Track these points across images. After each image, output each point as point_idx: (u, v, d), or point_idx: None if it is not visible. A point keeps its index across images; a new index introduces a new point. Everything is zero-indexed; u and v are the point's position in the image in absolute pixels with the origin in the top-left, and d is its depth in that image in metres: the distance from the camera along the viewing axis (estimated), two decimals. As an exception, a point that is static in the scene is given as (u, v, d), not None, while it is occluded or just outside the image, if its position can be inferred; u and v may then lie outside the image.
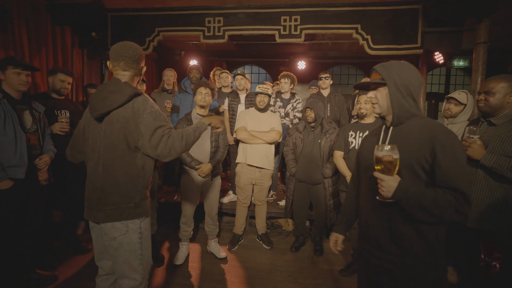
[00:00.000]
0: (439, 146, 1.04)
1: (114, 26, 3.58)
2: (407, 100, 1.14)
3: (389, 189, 1.05)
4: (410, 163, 1.09)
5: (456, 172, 1.02)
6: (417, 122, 1.14)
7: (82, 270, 2.48)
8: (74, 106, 2.74)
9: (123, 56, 1.39)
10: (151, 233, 2.61)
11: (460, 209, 1.00)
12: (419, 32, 3.13)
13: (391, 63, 1.17)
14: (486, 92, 1.69)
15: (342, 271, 2.52)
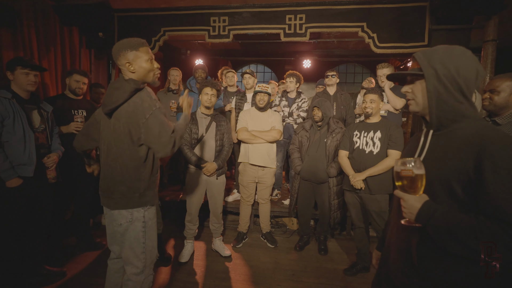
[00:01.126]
0: (489, 161, 0.79)
1: (121, 26, 3.62)
2: (453, 96, 0.90)
3: (411, 210, 0.88)
4: (448, 180, 0.86)
5: (507, 197, 0.77)
6: (467, 127, 0.89)
7: (90, 266, 2.53)
8: (91, 105, 2.80)
9: (114, 53, 1.47)
10: (157, 229, 2.68)
11: (510, 244, 0.75)
12: (426, 30, 3.09)
13: (437, 48, 0.94)
14: (491, 91, 1.67)
15: (347, 271, 2.51)
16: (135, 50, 1.45)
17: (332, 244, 3.05)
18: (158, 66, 1.51)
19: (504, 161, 0.78)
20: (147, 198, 1.54)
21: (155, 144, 1.43)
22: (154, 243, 1.61)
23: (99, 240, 2.89)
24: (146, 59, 1.47)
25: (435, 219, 0.84)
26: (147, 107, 1.41)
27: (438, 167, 0.89)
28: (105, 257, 2.64)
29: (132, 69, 1.46)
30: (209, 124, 2.57)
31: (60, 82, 3.38)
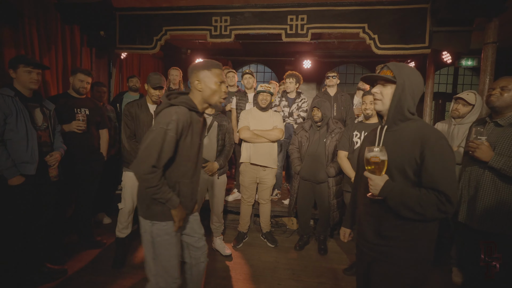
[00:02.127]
0: (428, 149, 1.10)
1: (122, 25, 3.63)
2: (408, 104, 1.17)
3: (376, 187, 1.15)
4: (402, 165, 1.15)
5: (441, 175, 1.08)
6: (411, 125, 1.18)
7: (92, 264, 2.54)
8: (94, 104, 2.81)
9: (189, 71, 1.52)
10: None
11: (442, 208, 1.07)
12: (427, 32, 3.11)
13: (404, 65, 1.20)
14: (502, 88, 1.68)
15: (346, 270, 2.53)
16: (207, 69, 1.46)
17: (332, 244, 3.07)
18: (226, 90, 1.51)
19: (438, 149, 1.10)
20: (153, 212, 1.46)
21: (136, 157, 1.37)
22: (168, 266, 1.49)
23: (99, 238, 2.90)
24: (216, 81, 1.47)
25: (393, 193, 1.13)
26: (162, 121, 1.37)
27: (394, 155, 1.16)
28: (105, 255, 2.67)
29: (199, 87, 1.47)
30: (211, 124, 2.58)
31: (61, 80, 3.38)
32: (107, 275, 2.39)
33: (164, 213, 1.46)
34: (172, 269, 1.50)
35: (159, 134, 1.34)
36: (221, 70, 1.50)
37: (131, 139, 2.44)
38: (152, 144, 1.33)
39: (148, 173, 1.32)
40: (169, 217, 1.47)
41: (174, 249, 1.50)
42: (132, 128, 2.43)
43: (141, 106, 2.47)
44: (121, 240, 2.55)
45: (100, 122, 2.83)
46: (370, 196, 1.19)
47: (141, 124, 2.44)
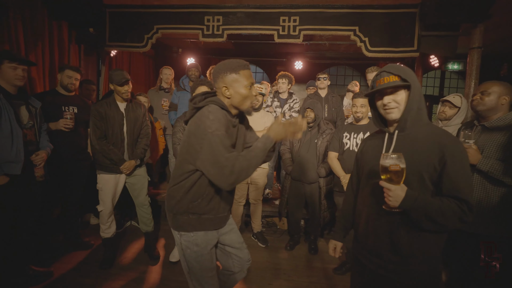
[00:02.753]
0: (449, 155, 1.04)
1: (112, 22, 3.56)
2: (422, 105, 1.13)
3: (397, 198, 1.04)
4: (419, 172, 1.08)
5: (463, 182, 1.04)
6: (424, 129, 1.12)
7: (79, 266, 2.48)
8: (83, 102, 2.74)
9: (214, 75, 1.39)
10: (148, 226, 2.62)
11: (463, 218, 1.02)
12: (415, 36, 3.18)
13: (400, 66, 1.14)
14: (482, 92, 1.74)
15: (336, 270, 2.56)
16: (234, 72, 1.31)
17: (322, 244, 3.10)
18: (257, 93, 1.37)
19: (458, 155, 1.05)
20: (179, 223, 1.37)
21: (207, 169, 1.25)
22: (202, 281, 1.41)
23: (87, 239, 2.84)
24: (246, 84, 1.32)
25: (417, 204, 1.04)
26: (201, 128, 1.25)
27: (410, 161, 1.07)
28: (93, 257, 2.62)
29: (228, 94, 1.32)
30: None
31: (48, 77, 3.29)
32: (95, 276, 2.34)
33: (190, 223, 1.36)
34: (208, 284, 1.42)
35: (211, 141, 1.20)
36: (249, 70, 1.36)
37: (101, 140, 2.35)
38: (213, 154, 1.19)
39: (232, 182, 1.22)
40: (197, 227, 1.37)
41: (207, 262, 1.40)
42: (102, 128, 2.35)
43: (110, 105, 2.38)
44: (108, 240, 2.51)
45: (89, 120, 2.76)
46: (387, 208, 1.08)
47: (111, 124, 2.36)
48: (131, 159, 2.46)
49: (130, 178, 2.55)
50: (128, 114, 2.44)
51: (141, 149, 2.54)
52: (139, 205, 2.64)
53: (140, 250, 2.79)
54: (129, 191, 2.62)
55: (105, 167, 2.40)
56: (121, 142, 2.42)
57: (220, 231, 1.50)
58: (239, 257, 1.59)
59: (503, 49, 5.04)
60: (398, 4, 3.19)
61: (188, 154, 1.31)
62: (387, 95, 1.15)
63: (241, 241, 1.61)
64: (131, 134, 2.47)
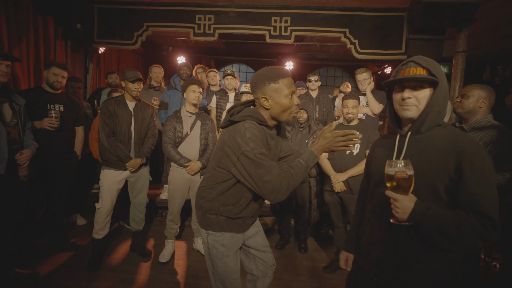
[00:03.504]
0: (467, 163, 0.90)
1: (101, 18, 3.49)
2: (444, 106, 0.98)
3: (405, 210, 0.92)
4: (432, 181, 0.94)
5: (484, 194, 0.89)
6: (440, 132, 0.99)
7: (65, 268, 2.42)
8: (69, 100, 2.68)
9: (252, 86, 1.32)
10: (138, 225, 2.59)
11: (485, 235, 0.87)
12: (403, 39, 3.27)
13: (431, 59, 0.99)
14: (462, 96, 1.82)
15: (326, 268, 2.59)
16: (273, 82, 1.24)
17: (312, 243, 3.13)
18: (298, 102, 1.29)
19: (479, 162, 0.91)
20: (207, 221, 1.37)
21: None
22: (226, 282, 1.39)
23: (73, 240, 2.77)
24: (286, 93, 1.24)
25: (428, 217, 0.90)
26: (238, 144, 1.22)
27: (422, 168, 0.95)
28: (79, 258, 2.56)
29: (267, 105, 1.26)
30: (194, 123, 2.55)
31: (32, 74, 3.19)
32: (82, 278, 2.29)
33: (219, 223, 1.36)
34: (232, 286, 1.40)
35: (252, 159, 1.17)
36: (290, 78, 1.27)
37: (110, 137, 2.39)
38: (255, 172, 1.17)
39: (273, 199, 1.20)
40: (225, 228, 1.36)
41: (232, 263, 1.39)
42: (111, 125, 2.39)
43: (119, 103, 2.43)
44: (97, 242, 2.46)
45: (76, 119, 2.71)
46: (395, 221, 0.96)
47: (120, 122, 2.40)
48: (137, 157, 2.49)
49: (133, 176, 2.54)
50: (137, 113, 2.49)
51: (148, 148, 2.57)
52: (136, 205, 2.62)
53: (129, 251, 2.74)
54: (129, 189, 2.61)
55: (111, 163, 2.43)
56: (128, 140, 2.46)
57: (246, 234, 1.49)
58: (263, 261, 1.57)
59: (486, 53, 5.23)
60: (387, 8, 3.26)
61: (221, 162, 1.30)
62: (409, 88, 1.00)
63: (267, 245, 1.60)
64: (138, 133, 2.50)
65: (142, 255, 2.63)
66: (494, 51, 5.07)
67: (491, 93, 1.78)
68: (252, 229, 1.52)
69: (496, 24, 3.92)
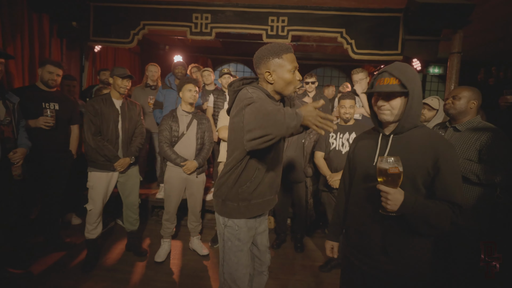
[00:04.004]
0: (443, 160, 1.05)
1: (97, 16, 3.46)
2: (419, 110, 1.11)
3: (396, 202, 1.02)
4: (414, 175, 1.08)
5: (456, 187, 1.06)
6: (418, 132, 1.12)
7: (59, 268, 2.39)
8: (65, 98, 2.65)
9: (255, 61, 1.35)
10: (133, 225, 2.57)
11: (455, 220, 1.05)
12: (399, 39, 3.29)
13: (406, 66, 1.11)
14: (453, 97, 1.85)
15: (322, 267, 2.60)
16: (277, 57, 1.27)
17: (308, 242, 3.14)
18: (300, 78, 1.31)
19: (452, 160, 1.07)
20: (227, 209, 1.38)
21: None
22: (235, 276, 1.40)
23: (68, 240, 2.75)
24: (289, 68, 1.28)
25: (416, 208, 1.04)
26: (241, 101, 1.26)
27: (405, 165, 1.05)
28: (74, 258, 2.54)
29: (271, 79, 1.30)
30: (190, 122, 2.54)
31: (27, 72, 3.15)
32: (76, 279, 2.27)
33: (240, 211, 1.37)
34: (240, 280, 1.41)
35: (251, 107, 1.16)
36: (292, 53, 1.31)
37: (96, 136, 2.32)
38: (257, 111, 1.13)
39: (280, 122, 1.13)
40: (246, 214, 1.38)
41: (244, 258, 1.42)
42: (97, 124, 2.33)
43: (106, 101, 2.37)
44: (91, 241, 2.44)
45: (71, 117, 2.68)
46: (384, 212, 1.07)
47: (107, 121, 2.34)
48: (125, 157, 2.45)
49: (122, 177, 2.51)
50: (124, 112, 2.44)
51: (136, 147, 2.53)
52: (128, 205, 2.60)
53: (124, 250, 2.73)
54: (119, 190, 2.58)
55: (98, 165, 2.37)
56: (116, 139, 2.41)
57: (258, 229, 1.52)
58: (260, 260, 1.61)
59: (481, 55, 5.28)
60: (383, 9, 3.28)
61: (236, 140, 1.31)
62: (383, 98, 1.13)
63: (268, 245, 1.63)
64: (126, 132, 2.46)
65: (137, 255, 2.62)
66: (489, 52, 5.12)
67: (479, 95, 1.84)
68: (262, 226, 1.56)
69: (490, 26, 3.97)
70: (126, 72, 2.36)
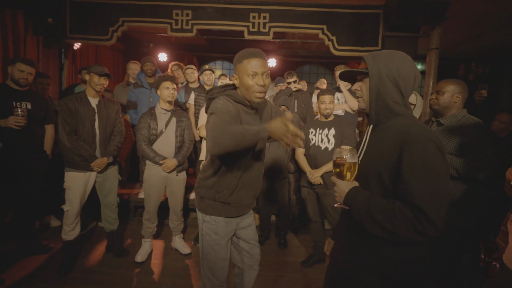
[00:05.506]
0: (407, 153, 0.89)
1: (74, 12, 3.37)
2: (391, 95, 0.98)
3: (341, 194, 1.00)
4: (379, 169, 0.96)
5: (419, 186, 0.86)
6: (398, 123, 0.98)
7: (35, 272, 2.33)
8: (38, 97, 2.56)
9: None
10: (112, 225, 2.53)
11: (419, 228, 0.84)
12: (380, 36, 3.31)
13: (383, 51, 1.02)
14: (437, 92, 1.84)
15: (304, 263, 2.62)
16: (239, 62, 1.31)
17: (292, 238, 3.15)
18: (262, 84, 1.29)
19: (419, 154, 0.88)
20: (205, 205, 1.45)
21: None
22: (214, 268, 1.46)
23: (45, 242, 2.68)
24: (248, 73, 1.29)
25: (358, 201, 0.95)
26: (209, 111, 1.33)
27: (374, 158, 0.99)
28: (52, 261, 2.47)
29: (237, 83, 1.34)
30: (169, 120, 2.51)
31: (1, 70, 3.05)
32: (52, 282, 2.21)
33: (216, 208, 1.43)
34: (218, 272, 1.48)
35: (215, 116, 1.21)
36: (258, 58, 1.29)
37: (71, 136, 2.27)
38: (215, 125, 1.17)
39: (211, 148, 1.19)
40: (222, 213, 1.44)
41: (222, 251, 1.47)
42: (72, 124, 2.27)
43: (80, 100, 2.31)
44: (69, 243, 2.38)
45: (45, 117, 2.60)
46: (337, 205, 1.04)
47: (82, 120, 2.29)
48: (103, 156, 2.39)
49: (100, 177, 2.46)
50: (100, 110, 2.38)
51: (114, 147, 2.47)
52: (106, 205, 2.55)
53: (104, 251, 2.68)
54: (97, 190, 2.52)
55: (75, 165, 2.31)
56: (93, 138, 2.36)
57: (240, 224, 1.55)
58: (250, 254, 1.63)
59: (461, 51, 5.39)
60: (363, 5, 3.30)
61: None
62: (357, 81, 1.08)
63: (256, 239, 1.65)
64: (104, 131, 2.40)
65: (118, 256, 2.58)
66: (468, 49, 5.23)
67: (464, 88, 1.81)
68: (246, 221, 1.58)
69: (469, 23, 4.05)
70: (104, 70, 2.31)
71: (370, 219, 0.92)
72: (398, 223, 0.86)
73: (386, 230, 0.89)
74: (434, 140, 0.90)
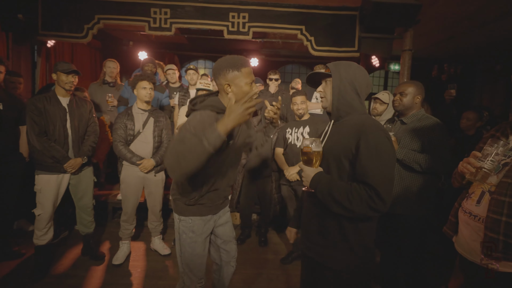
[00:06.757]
0: (363, 141, 1.06)
1: (46, 8, 3.24)
2: (349, 94, 1.16)
3: (307, 178, 1.14)
4: (339, 156, 1.12)
5: (373, 168, 1.03)
6: (355, 118, 1.16)
7: (5, 279, 2.24)
8: (10, 97, 2.46)
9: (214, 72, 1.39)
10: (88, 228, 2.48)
11: (371, 204, 1.01)
12: (356, 37, 3.40)
13: (341, 61, 1.21)
14: (400, 93, 1.94)
15: (283, 260, 2.66)
16: (236, 70, 1.32)
17: (273, 236, 3.19)
18: (257, 91, 1.28)
19: (373, 141, 1.06)
20: (178, 208, 1.49)
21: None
22: (192, 265, 1.51)
23: (16, 248, 2.58)
24: (246, 82, 1.34)
25: (321, 184, 1.10)
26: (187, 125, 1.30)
27: (333, 147, 1.16)
28: (24, 267, 2.39)
29: (229, 91, 1.34)
30: (147, 120, 2.48)
31: (-34, 68, 2.90)
32: None
33: (188, 209, 1.47)
34: (196, 269, 1.52)
35: (178, 135, 1.24)
36: (250, 67, 1.38)
37: (41, 137, 2.19)
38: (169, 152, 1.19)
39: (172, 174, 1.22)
40: (196, 213, 1.47)
41: (199, 248, 1.50)
42: (42, 124, 2.20)
43: (50, 99, 2.24)
44: (42, 248, 2.30)
45: (19, 117, 2.50)
46: (305, 189, 1.17)
47: (52, 120, 2.22)
48: (77, 157, 2.32)
49: (74, 178, 2.38)
50: (72, 110, 2.31)
51: (88, 147, 2.40)
52: (81, 208, 2.48)
53: (80, 255, 2.61)
54: (71, 192, 2.44)
55: (46, 167, 2.23)
56: (65, 138, 2.28)
57: (218, 222, 1.60)
58: (226, 251, 1.68)
59: (434, 52, 5.63)
60: (341, 7, 3.37)
61: None
62: (321, 85, 1.26)
63: (233, 236, 1.71)
64: (76, 131, 2.33)
65: (94, 259, 2.52)
66: (441, 50, 5.47)
67: (422, 89, 1.95)
68: (223, 218, 1.64)
69: (442, 25, 4.23)
70: (71, 67, 2.23)
71: (332, 199, 1.07)
72: (355, 201, 1.03)
73: (345, 208, 1.05)
74: (384, 131, 1.11)
